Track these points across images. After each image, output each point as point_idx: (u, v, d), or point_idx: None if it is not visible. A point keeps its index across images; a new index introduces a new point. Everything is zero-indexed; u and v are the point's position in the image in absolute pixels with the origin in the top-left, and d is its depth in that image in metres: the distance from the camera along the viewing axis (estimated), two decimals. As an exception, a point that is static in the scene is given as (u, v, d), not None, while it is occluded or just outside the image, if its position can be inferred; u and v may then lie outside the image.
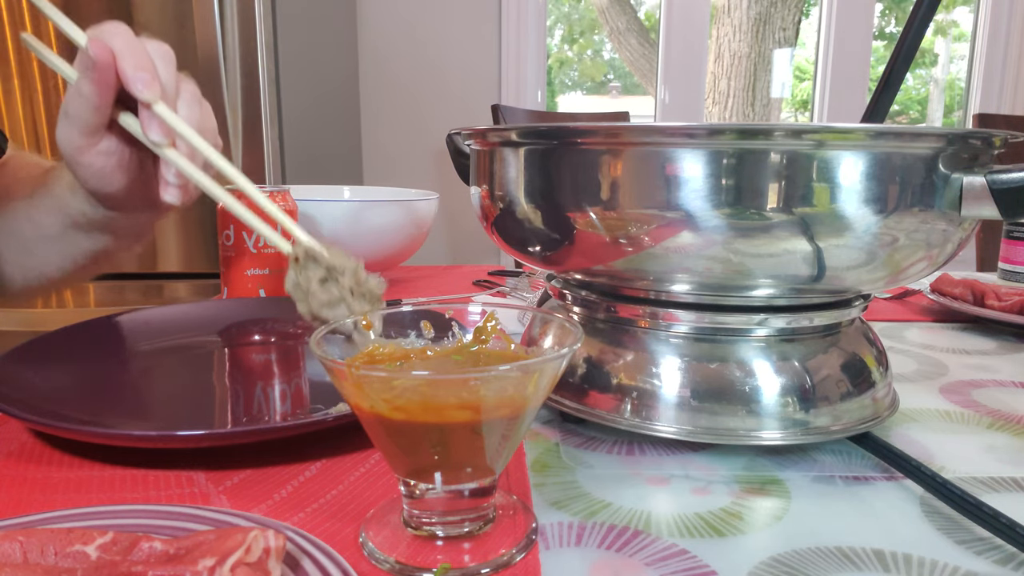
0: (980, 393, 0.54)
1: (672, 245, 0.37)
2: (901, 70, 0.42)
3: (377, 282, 0.40)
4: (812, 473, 0.40)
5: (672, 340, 0.42)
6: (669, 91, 2.48)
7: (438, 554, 0.31)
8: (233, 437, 0.40)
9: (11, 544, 0.26)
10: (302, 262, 0.40)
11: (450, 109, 2.33)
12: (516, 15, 2.31)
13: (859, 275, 0.38)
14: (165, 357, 0.57)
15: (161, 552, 0.26)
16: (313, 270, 0.39)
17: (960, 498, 0.34)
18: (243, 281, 0.72)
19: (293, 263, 0.40)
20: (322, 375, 0.53)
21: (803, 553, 0.32)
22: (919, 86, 2.87)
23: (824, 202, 0.35)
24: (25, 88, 1.33)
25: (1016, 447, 0.44)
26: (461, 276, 1.01)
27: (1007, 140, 0.39)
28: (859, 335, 0.45)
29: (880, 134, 0.35)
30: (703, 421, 0.40)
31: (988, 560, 0.32)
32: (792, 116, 2.98)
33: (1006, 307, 0.70)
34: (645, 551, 0.32)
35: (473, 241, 2.40)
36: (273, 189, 0.73)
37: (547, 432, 0.45)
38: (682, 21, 2.43)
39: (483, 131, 0.45)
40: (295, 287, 0.40)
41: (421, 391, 0.28)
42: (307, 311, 0.39)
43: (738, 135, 0.35)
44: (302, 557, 0.28)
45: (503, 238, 0.46)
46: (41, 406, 0.43)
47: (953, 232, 0.38)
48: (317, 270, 0.39)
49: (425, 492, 0.32)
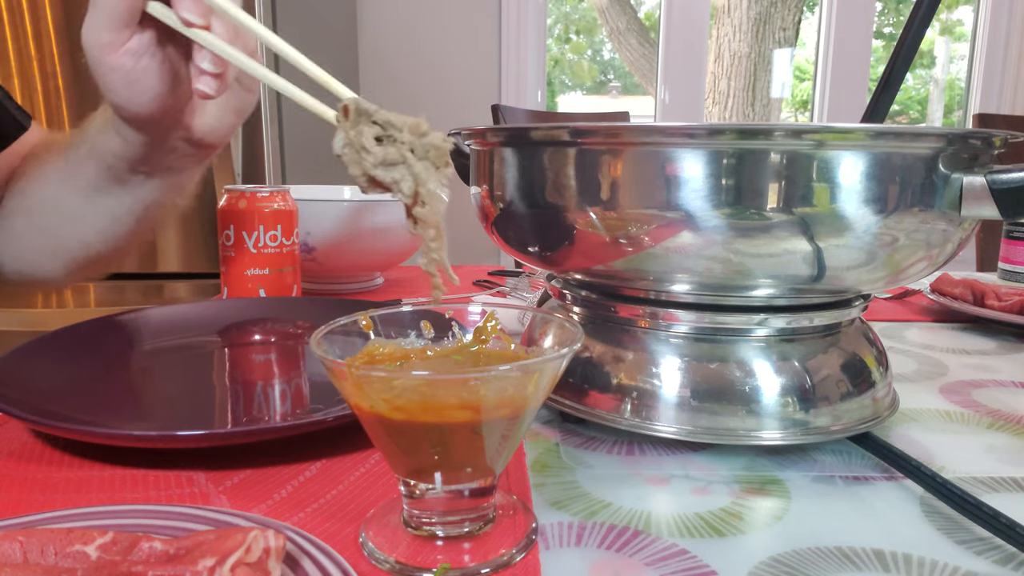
0: (980, 393, 0.54)
1: (672, 245, 0.37)
2: (901, 70, 0.42)
3: (442, 137, 0.34)
4: (812, 473, 0.40)
5: (672, 340, 0.42)
6: (669, 91, 2.48)
7: (438, 554, 0.31)
8: (233, 437, 0.40)
9: (11, 544, 0.26)
10: (352, 117, 0.34)
11: (450, 109, 2.33)
12: (516, 15, 2.31)
13: (859, 275, 0.38)
14: (165, 357, 0.57)
15: (161, 552, 0.26)
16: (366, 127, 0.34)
17: (960, 498, 0.34)
18: (243, 281, 0.72)
19: (341, 119, 0.35)
20: (322, 375, 0.53)
21: (803, 553, 0.32)
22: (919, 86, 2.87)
23: (824, 202, 0.35)
24: (25, 88, 1.33)
25: (1016, 447, 0.44)
26: (461, 276, 1.01)
27: (1007, 140, 0.39)
28: (859, 335, 0.45)
29: (880, 134, 0.35)
30: (703, 421, 0.40)
31: (988, 560, 0.32)
32: (792, 116, 2.98)
33: (1006, 307, 0.70)
34: (645, 551, 0.32)
35: (473, 241, 2.40)
36: (273, 189, 0.73)
37: (547, 432, 0.45)
38: (682, 21, 2.43)
39: (483, 131, 0.45)
40: (346, 147, 0.34)
41: (421, 391, 0.28)
42: (360, 173, 0.34)
43: (738, 135, 0.35)
44: (302, 557, 0.28)
45: (503, 238, 0.46)
46: (41, 406, 0.43)
47: (953, 232, 0.38)
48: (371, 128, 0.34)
49: (425, 492, 0.32)
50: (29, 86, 1.33)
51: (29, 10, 1.30)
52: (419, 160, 0.33)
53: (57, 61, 1.32)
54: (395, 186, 0.33)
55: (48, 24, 1.31)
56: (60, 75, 1.33)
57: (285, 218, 0.73)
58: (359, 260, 0.85)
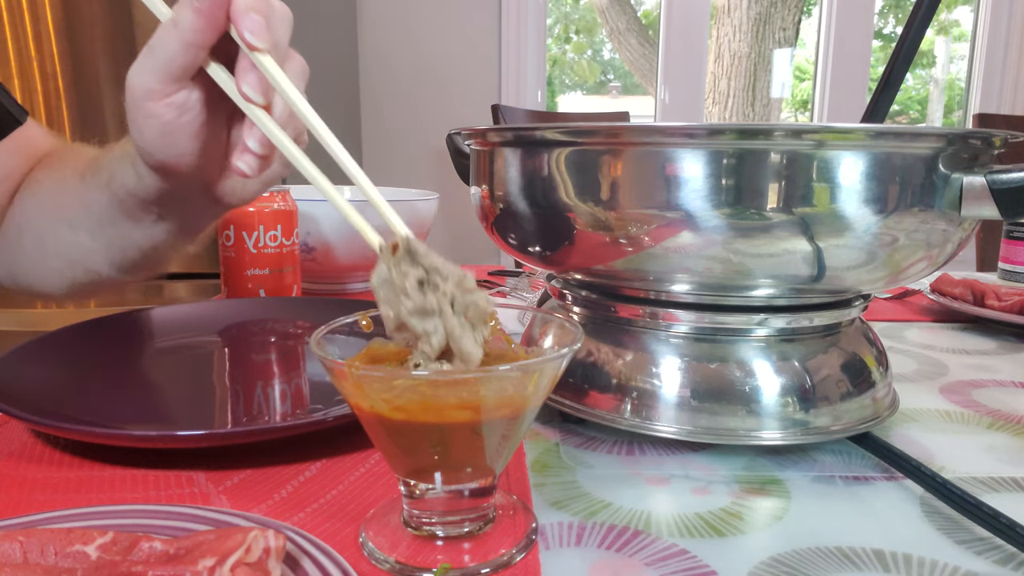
0: (980, 393, 0.54)
1: (672, 245, 0.37)
2: (901, 70, 0.42)
3: (485, 297, 0.32)
4: (812, 473, 0.40)
5: (672, 340, 0.42)
6: (669, 91, 2.48)
7: (438, 554, 0.31)
8: (233, 437, 0.40)
9: (11, 544, 0.26)
10: (399, 255, 0.32)
11: (450, 109, 2.33)
12: (516, 15, 2.31)
13: (859, 275, 0.38)
14: (165, 357, 0.57)
15: (161, 552, 0.26)
16: (411, 269, 0.32)
17: (960, 498, 0.34)
18: (243, 281, 0.72)
19: (388, 255, 0.32)
20: (322, 375, 0.53)
21: (803, 553, 0.32)
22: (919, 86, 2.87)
23: (824, 202, 0.35)
24: (25, 88, 1.33)
25: (1016, 447, 0.44)
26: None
27: (1007, 140, 0.39)
28: (859, 335, 0.45)
29: (880, 134, 0.35)
30: (703, 421, 0.40)
31: (988, 560, 0.32)
32: (792, 116, 2.98)
33: (1006, 307, 0.70)
34: (645, 551, 0.32)
35: (473, 241, 2.40)
36: (273, 189, 0.73)
37: (547, 432, 0.45)
38: (682, 21, 2.43)
39: (483, 131, 0.45)
40: (384, 283, 0.32)
41: (421, 391, 0.28)
42: (393, 316, 0.31)
43: (738, 135, 0.35)
44: (302, 557, 0.28)
45: (503, 238, 0.46)
46: (41, 406, 0.43)
47: (953, 232, 0.38)
48: (415, 270, 0.32)
49: (425, 492, 0.32)
50: (29, 86, 1.33)
51: (29, 10, 1.30)
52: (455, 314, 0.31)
53: (57, 61, 1.32)
54: (424, 337, 0.30)
55: (48, 24, 1.30)
56: (60, 75, 1.32)
57: (285, 218, 0.73)
58: (359, 260, 0.85)
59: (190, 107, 0.42)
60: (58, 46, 1.31)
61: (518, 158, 0.42)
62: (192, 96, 0.42)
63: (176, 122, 0.42)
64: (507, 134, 0.44)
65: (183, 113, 0.42)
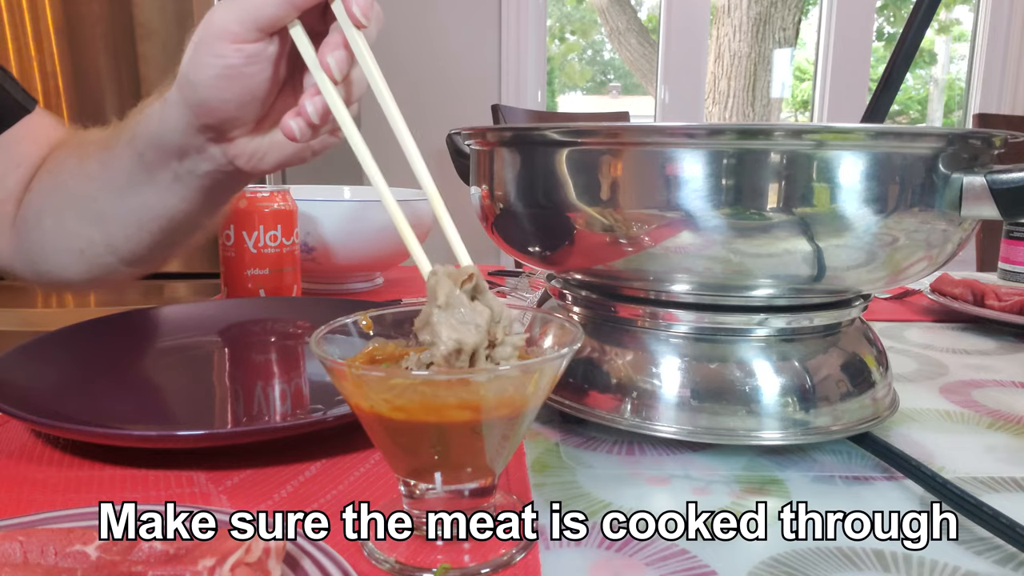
0: (980, 393, 0.54)
1: (672, 245, 0.37)
2: (901, 70, 0.42)
3: (521, 338, 0.32)
4: (812, 473, 0.40)
5: (672, 340, 0.42)
6: (669, 91, 2.48)
7: (438, 554, 0.31)
8: (233, 437, 0.40)
9: (11, 544, 0.26)
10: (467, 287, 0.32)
11: (450, 109, 2.33)
12: (516, 15, 2.31)
13: (859, 275, 0.38)
14: (165, 357, 0.57)
15: (161, 552, 0.26)
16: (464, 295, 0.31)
17: (960, 498, 0.34)
18: (243, 281, 0.72)
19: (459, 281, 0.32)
20: (322, 375, 0.53)
21: (803, 553, 0.32)
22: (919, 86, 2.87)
23: (824, 202, 0.35)
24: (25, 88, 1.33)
25: (1016, 447, 0.44)
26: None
27: (1007, 140, 0.39)
28: (859, 335, 0.45)
29: (880, 134, 0.35)
30: (703, 421, 0.40)
31: (988, 560, 0.32)
32: (792, 116, 2.98)
33: (1006, 307, 0.70)
34: (645, 551, 0.32)
35: (473, 241, 2.39)
36: (273, 189, 0.73)
37: (547, 432, 0.45)
38: (682, 21, 2.43)
39: (483, 131, 0.45)
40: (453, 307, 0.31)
41: (421, 391, 0.28)
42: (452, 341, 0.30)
43: (738, 135, 0.35)
44: (302, 557, 0.28)
45: (503, 238, 0.46)
46: (41, 406, 0.43)
47: (953, 232, 0.38)
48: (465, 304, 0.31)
49: (425, 492, 0.32)
50: (29, 86, 1.33)
51: (29, 10, 1.30)
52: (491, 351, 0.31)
53: (57, 61, 1.32)
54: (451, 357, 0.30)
55: (48, 24, 1.30)
56: (60, 75, 1.32)
57: (285, 218, 0.73)
58: (359, 260, 0.85)
59: (259, 60, 0.43)
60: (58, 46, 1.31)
61: (518, 158, 0.42)
62: (267, 50, 0.42)
63: (239, 68, 0.43)
64: (507, 134, 0.44)
65: (250, 63, 0.43)
